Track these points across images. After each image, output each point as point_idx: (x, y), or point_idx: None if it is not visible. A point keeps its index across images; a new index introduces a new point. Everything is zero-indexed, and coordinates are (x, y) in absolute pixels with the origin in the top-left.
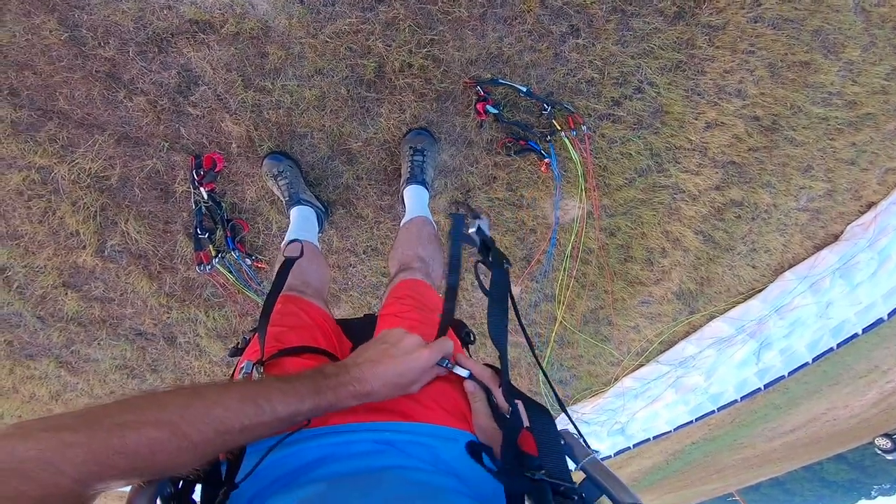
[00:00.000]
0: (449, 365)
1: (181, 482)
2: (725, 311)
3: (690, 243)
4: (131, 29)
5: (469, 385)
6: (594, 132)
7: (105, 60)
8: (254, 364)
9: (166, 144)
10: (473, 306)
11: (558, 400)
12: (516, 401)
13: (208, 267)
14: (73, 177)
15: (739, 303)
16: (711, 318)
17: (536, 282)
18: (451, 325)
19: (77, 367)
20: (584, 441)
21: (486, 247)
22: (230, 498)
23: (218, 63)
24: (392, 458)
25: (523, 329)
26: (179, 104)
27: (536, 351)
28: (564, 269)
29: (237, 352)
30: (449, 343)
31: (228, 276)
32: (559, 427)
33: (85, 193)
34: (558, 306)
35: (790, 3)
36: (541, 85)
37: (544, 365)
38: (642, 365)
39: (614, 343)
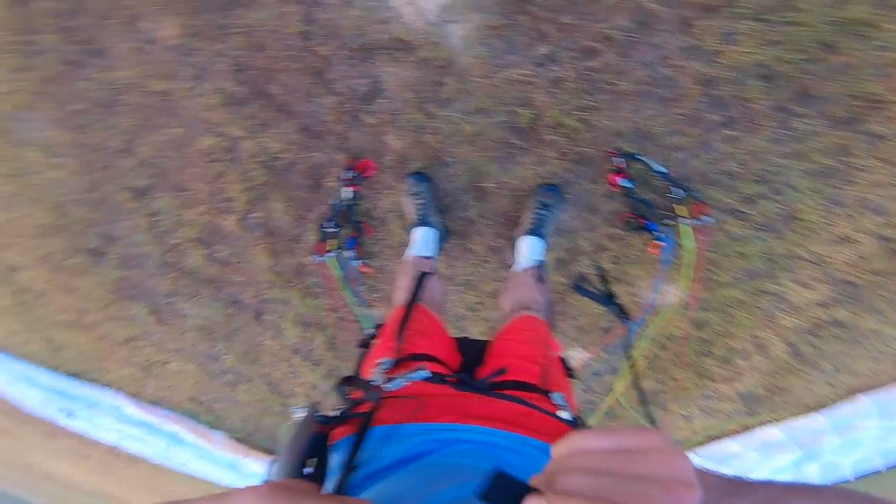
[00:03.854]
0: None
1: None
2: (784, 419)
3: (776, 352)
4: (350, 34)
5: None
6: (717, 225)
7: (321, 58)
8: (393, 361)
9: (335, 143)
10: None
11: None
12: None
13: (321, 258)
14: (254, 151)
15: (803, 414)
16: (768, 423)
17: (608, 354)
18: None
19: (165, 318)
20: None
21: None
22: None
23: (403, 82)
24: (480, 461)
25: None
26: (359, 110)
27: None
28: (640, 348)
29: (364, 345)
30: None
31: (336, 271)
32: None
33: (256, 168)
34: (619, 381)
35: None
36: (678, 169)
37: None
38: None
39: (661, 426)
